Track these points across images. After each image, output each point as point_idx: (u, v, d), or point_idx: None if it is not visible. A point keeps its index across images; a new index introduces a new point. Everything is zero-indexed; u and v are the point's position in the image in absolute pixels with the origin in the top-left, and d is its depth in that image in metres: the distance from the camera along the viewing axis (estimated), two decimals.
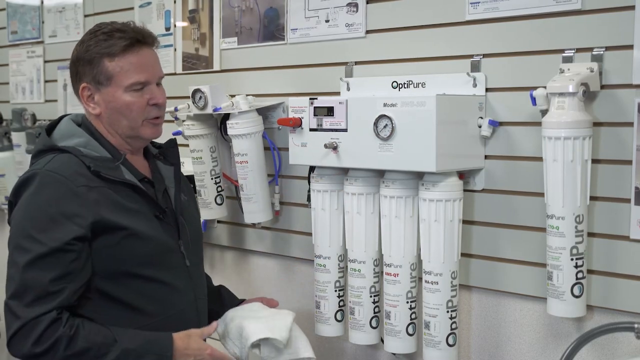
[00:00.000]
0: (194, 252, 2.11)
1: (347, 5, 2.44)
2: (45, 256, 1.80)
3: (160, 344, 1.88)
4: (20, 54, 3.91)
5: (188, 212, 2.14)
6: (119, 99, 1.96)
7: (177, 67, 3.06)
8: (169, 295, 1.99)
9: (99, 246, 1.87)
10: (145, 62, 1.99)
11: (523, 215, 2.09)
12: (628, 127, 1.89)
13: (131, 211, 1.92)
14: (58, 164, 1.90)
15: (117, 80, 1.95)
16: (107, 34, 1.96)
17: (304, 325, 2.61)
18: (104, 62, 1.95)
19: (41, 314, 1.77)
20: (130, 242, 1.90)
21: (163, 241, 1.98)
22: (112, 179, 1.92)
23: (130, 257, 1.91)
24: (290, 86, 2.63)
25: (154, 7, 3.14)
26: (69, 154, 1.93)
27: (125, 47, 1.95)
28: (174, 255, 2.03)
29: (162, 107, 2.03)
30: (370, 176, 2.22)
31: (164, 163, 2.13)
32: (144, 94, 1.98)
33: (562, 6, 1.97)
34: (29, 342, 1.77)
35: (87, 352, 1.80)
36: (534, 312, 2.10)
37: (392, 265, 2.17)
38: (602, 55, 1.91)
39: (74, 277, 1.83)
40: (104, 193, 1.89)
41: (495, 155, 2.14)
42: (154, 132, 2.04)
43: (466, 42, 2.17)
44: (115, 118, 1.98)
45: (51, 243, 1.80)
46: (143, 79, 1.97)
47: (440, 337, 2.09)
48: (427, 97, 2.00)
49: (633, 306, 1.90)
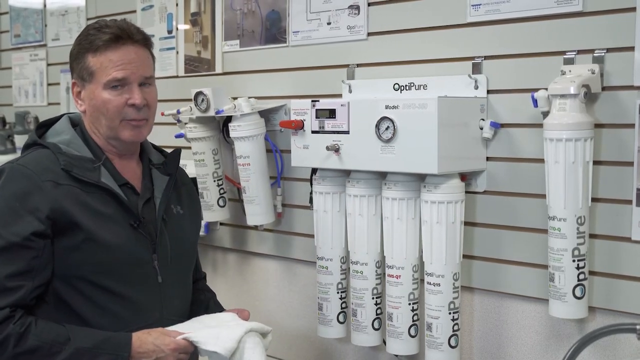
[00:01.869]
0: (174, 269, 1.98)
1: (349, 7, 2.44)
2: (3, 250, 1.76)
3: (117, 342, 1.79)
4: (23, 57, 3.92)
5: (179, 226, 2.02)
6: (98, 97, 1.89)
7: (179, 70, 3.06)
8: (126, 311, 1.87)
9: (59, 246, 1.81)
10: (125, 59, 1.89)
11: (525, 217, 2.09)
12: (629, 128, 1.89)
13: (99, 215, 1.84)
14: (30, 158, 1.87)
15: (97, 76, 1.88)
16: (97, 29, 1.91)
17: (306, 327, 2.63)
18: (88, 58, 1.89)
19: None
20: (91, 247, 1.82)
21: (131, 252, 1.88)
22: (84, 179, 1.85)
23: (90, 263, 1.82)
24: (292, 88, 2.63)
25: (156, 10, 3.15)
26: (47, 150, 1.88)
27: (106, 41, 1.87)
28: (144, 269, 1.91)
29: (144, 109, 1.91)
30: (372, 178, 2.22)
31: (160, 172, 2.03)
32: (123, 92, 1.88)
33: (563, 8, 1.97)
34: None
35: (38, 350, 1.75)
36: (536, 313, 2.10)
37: (394, 267, 2.17)
38: (603, 57, 1.91)
39: (33, 275, 1.78)
40: (71, 192, 1.82)
41: (496, 157, 2.14)
42: (133, 135, 1.92)
43: (467, 44, 2.17)
44: (95, 116, 1.91)
45: (10, 237, 1.77)
46: (120, 76, 1.87)
47: (443, 338, 2.09)
48: (428, 99, 2.00)
49: (635, 307, 1.90)
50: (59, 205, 1.80)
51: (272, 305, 2.79)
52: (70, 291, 1.84)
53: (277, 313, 2.77)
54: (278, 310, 2.77)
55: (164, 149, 2.12)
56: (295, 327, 2.71)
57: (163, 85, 3.02)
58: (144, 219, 1.92)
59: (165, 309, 1.94)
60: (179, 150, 2.10)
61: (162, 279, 1.94)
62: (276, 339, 2.49)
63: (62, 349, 1.76)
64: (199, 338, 1.85)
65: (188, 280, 2.08)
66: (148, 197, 1.97)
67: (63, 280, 1.83)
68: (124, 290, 1.88)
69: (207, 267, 2.97)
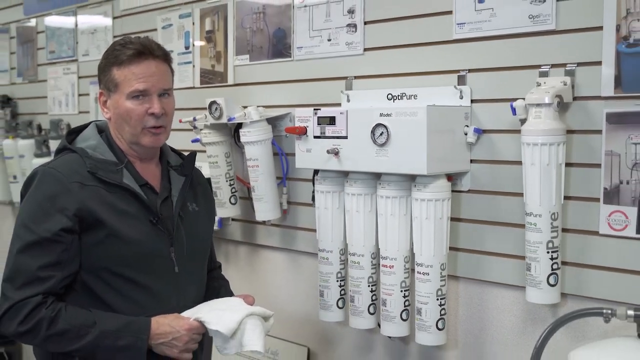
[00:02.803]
0: (190, 261, 1.97)
1: (347, 26, 2.44)
2: (35, 244, 1.78)
3: (138, 326, 1.81)
4: (57, 71, 3.93)
5: (194, 222, 2.01)
6: (121, 106, 1.89)
7: (195, 82, 3.06)
8: (146, 299, 1.87)
9: (86, 241, 1.82)
10: (146, 73, 1.89)
11: (504, 213, 2.09)
12: (597, 134, 1.89)
13: (122, 213, 1.85)
14: (60, 162, 1.88)
15: (121, 87, 1.89)
16: (122, 45, 1.91)
17: (308, 311, 2.63)
18: (113, 70, 1.90)
19: (28, 297, 1.75)
20: (114, 242, 1.82)
21: (151, 245, 1.88)
22: (108, 180, 1.86)
23: (113, 256, 1.83)
24: (296, 98, 2.63)
25: (175, 29, 3.15)
26: (76, 154, 1.89)
27: (130, 56, 1.88)
28: (163, 261, 1.90)
29: (162, 117, 1.91)
30: (368, 178, 2.22)
31: (178, 173, 2.02)
32: (144, 102, 1.89)
33: (538, 26, 1.97)
34: (16, 322, 1.76)
35: (67, 332, 1.77)
36: (514, 299, 2.10)
37: (388, 258, 2.17)
38: (574, 71, 1.91)
39: (62, 267, 1.79)
40: (96, 192, 1.83)
41: (479, 159, 2.13)
42: (153, 141, 1.92)
43: (453, 58, 2.17)
44: (119, 123, 1.92)
45: (42, 233, 1.78)
46: (142, 88, 1.88)
47: (431, 322, 2.09)
48: (418, 107, 2.00)
49: (602, 294, 1.90)
50: (85, 205, 1.81)
51: (278, 292, 2.79)
52: (96, 281, 1.85)
53: (283, 299, 2.76)
54: (284, 296, 2.77)
55: (182, 152, 2.12)
56: (299, 311, 2.71)
57: (181, 96, 3.03)
58: (162, 216, 1.92)
59: (181, 297, 1.94)
60: (194, 153, 2.10)
61: (179, 270, 1.94)
62: (282, 322, 2.51)
63: (89, 331, 1.77)
64: (206, 318, 1.87)
65: (202, 271, 2.07)
66: (166, 195, 1.97)
67: (90, 271, 1.84)
68: (144, 280, 1.88)
69: (221, 258, 2.97)
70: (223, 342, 1.88)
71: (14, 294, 1.77)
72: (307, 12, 2.57)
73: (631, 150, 1.83)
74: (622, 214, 1.86)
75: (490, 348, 2.17)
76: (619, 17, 1.83)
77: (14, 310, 1.76)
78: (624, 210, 1.85)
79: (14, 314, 1.76)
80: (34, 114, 4.11)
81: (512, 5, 2.02)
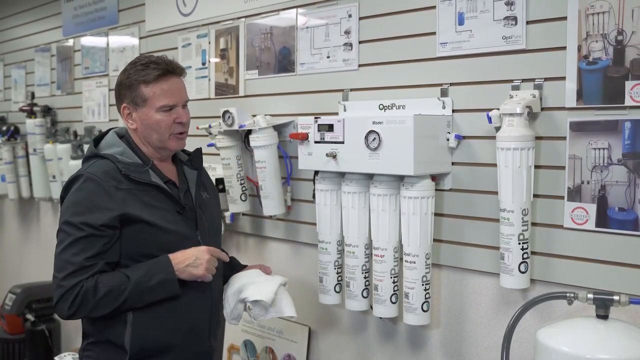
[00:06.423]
0: (211, 239, 2.03)
1: (344, 45, 2.45)
2: (81, 238, 1.80)
3: (160, 265, 1.85)
4: (90, 84, 3.93)
5: (209, 209, 2.06)
6: (151, 118, 1.93)
7: (210, 94, 3.06)
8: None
9: (126, 234, 1.85)
10: (173, 89, 1.94)
11: (482, 209, 2.09)
12: (562, 140, 1.89)
13: (155, 208, 1.89)
14: (97, 167, 1.89)
15: (151, 102, 1.92)
16: (144, 65, 1.93)
17: (309, 295, 2.63)
18: (141, 88, 1.92)
19: (77, 283, 1.79)
20: (152, 232, 1.87)
21: (181, 232, 1.93)
22: (140, 180, 1.89)
23: (152, 243, 1.88)
24: (299, 108, 2.63)
25: (193, 47, 3.15)
26: (107, 160, 1.91)
27: (158, 76, 1.92)
28: (191, 243, 1.94)
29: (186, 125, 1.98)
30: (362, 178, 2.22)
31: (189, 168, 2.06)
32: (172, 114, 1.94)
33: (511, 46, 1.98)
34: (67, 304, 1.79)
35: (110, 292, 1.80)
36: (490, 284, 2.10)
37: (379, 248, 2.17)
38: (542, 85, 1.92)
39: (105, 256, 1.82)
40: (130, 193, 1.86)
41: (460, 162, 2.13)
42: (179, 145, 1.99)
43: (437, 73, 2.17)
44: (147, 132, 1.95)
45: (87, 228, 1.80)
46: (171, 102, 1.93)
47: (417, 304, 2.09)
48: (406, 116, 2.00)
49: (566, 279, 1.90)
50: (123, 205, 1.84)
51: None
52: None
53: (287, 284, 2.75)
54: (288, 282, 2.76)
55: (185, 149, 2.12)
56: (301, 295, 2.70)
57: (198, 106, 3.04)
58: (186, 206, 1.97)
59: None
60: (200, 149, 2.13)
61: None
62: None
63: (127, 286, 1.82)
64: (246, 293, 1.98)
65: (219, 245, 2.12)
66: (185, 189, 2.01)
67: (130, 257, 1.87)
68: None
69: (232, 249, 2.98)
70: (261, 310, 1.99)
71: (65, 281, 1.80)
72: (309, 32, 2.57)
73: (591, 154, 1.83)
74: (583, 210, 1.86)
75: (468, 327, 2.17)
76: (580, 39, 1.83)
77: (66, 296, 1.80)
78: (585, 207, 1.86)
79: (66, 299, 1.80)
80: (71, 121, 4.11)
81: (488, 28, 2.02)
